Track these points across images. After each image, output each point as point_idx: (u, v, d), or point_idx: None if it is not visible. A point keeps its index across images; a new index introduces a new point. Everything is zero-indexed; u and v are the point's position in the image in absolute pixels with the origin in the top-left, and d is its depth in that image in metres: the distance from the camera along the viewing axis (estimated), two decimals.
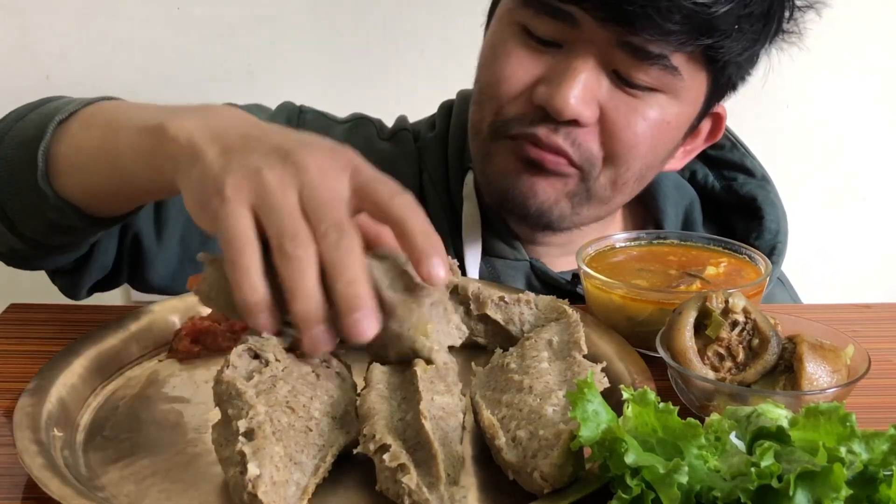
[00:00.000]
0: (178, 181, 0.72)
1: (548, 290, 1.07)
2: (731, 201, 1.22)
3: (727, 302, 0.76)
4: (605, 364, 0.73)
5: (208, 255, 0.73)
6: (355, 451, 0.64)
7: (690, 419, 0.59)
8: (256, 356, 0.68)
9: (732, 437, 0.61)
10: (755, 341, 0.76)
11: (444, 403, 0.68)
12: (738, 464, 0.57)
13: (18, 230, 0.90)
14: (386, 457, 0.61)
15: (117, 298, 1.63)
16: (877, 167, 1.84)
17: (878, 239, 1.89)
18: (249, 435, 0.60)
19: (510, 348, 0.79)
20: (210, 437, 0.65)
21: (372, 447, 0.63)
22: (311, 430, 0.64)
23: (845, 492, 0.53)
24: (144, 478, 0.67)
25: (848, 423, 0.57)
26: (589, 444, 0.59)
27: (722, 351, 0.76)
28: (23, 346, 0.87)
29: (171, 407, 0.77)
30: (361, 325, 0.64)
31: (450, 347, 0.76)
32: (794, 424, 0.59)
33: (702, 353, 0.76)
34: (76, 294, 1.07)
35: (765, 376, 0.75)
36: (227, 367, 0.66)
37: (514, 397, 0.68)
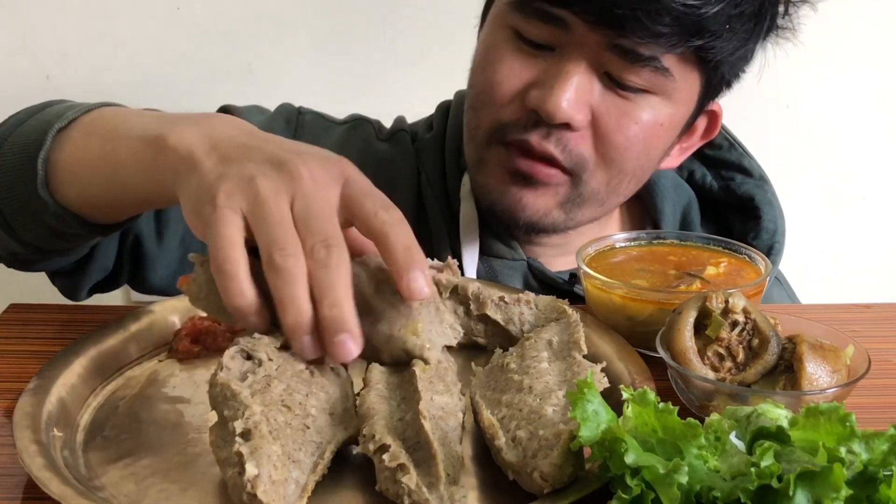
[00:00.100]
0: (178, 191, 0.73)
1: (545, 290, 1.07)
2: (728, 201, 1.23)
3: (727, 302, 0.76)
4: (605, 364, 0.73)
5: (199, 256, 0.73)
6: (355, 450, 0.64)
7: (690, 419, 0.59)
8: (249, 357, 0.68)
9: (732, 437, 0.61)
10: (755, 341, 0.76)
11: (444, 403, 0.68)
12: (738, 464, 0.57)
13: (19, 235, 0.90)
14: (385, 457, 0.61)
15: (117, 299, 1.63)
16: (877, 167, 1.84)
17: (877, 239, 1.89)
18: (246, 435, 0.61)
19: (510, 348, 0.79)
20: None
21: (371, 447, 0.63)
22: (308, 428, 0.64)
23: (845, 492, 0.53)
24: (144, 478, 0.67)
25: (848, 423, 0.57)
26: (589, 444, 0.59)
27: (722, 351, 0.76)
28: (23, 346, 0.87)
29: (171, 407, 0.77)
30: (344, 348, 0.65)
31: (449, 348, 0.76)
32: (794, 424, 0.59)
33: (702, 353, 0.76)
34: (76, 295, 1.07)
35: (765, 376, 0.75)
36: (221, 369, 0.66)
37: (514, 397, 0.68)
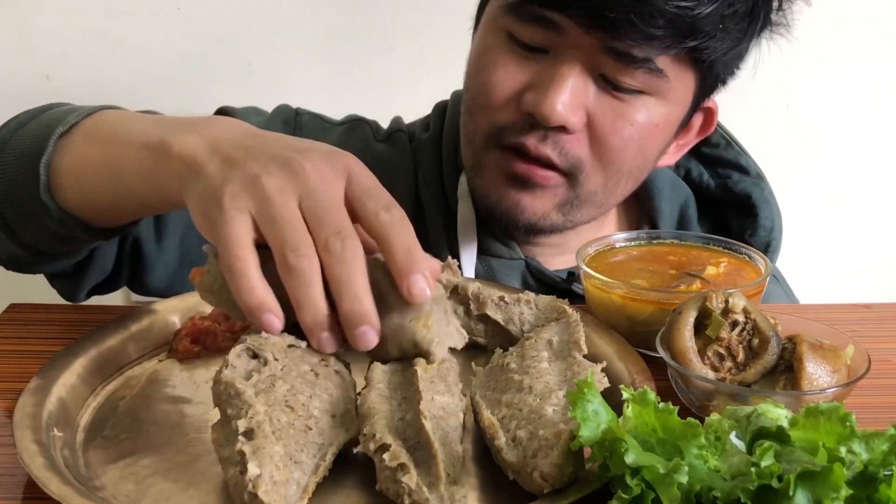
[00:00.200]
0: (184, 198, 0.73)
1: (543, 289, 1.07)
2: (725, 199, 1.23)
3: (727, 302, 0.76)
4: (605, 364, 0.73)
5: (214, 248, 0.73)
6: (355, 450, 0.64)
7: (690, 419, 0.59)
8: (255, 356, 0.68)
9: (732, 437, 0.61)
10: (755, 341, 0.76)
11: (445, 403, 0.68)
12: (738, 464, 0.57)
13: (20, 239, 0.90)
14: (386, 456, 0.61)
15: (117, 299, 1.63)
16: (876, 167, 1.84)
17: (876, 238, 1.89)
18: (249, 434, 0.61)
19: (510, 348, 0.79)
20: (210, 437, 0.65)
21: (372, 447, 0.63)
22: (310, 429, 0.64)
23: (845, 492, 0.53)
24: (144, 478, 0.67)
25: (848, 423, 0.57)
26: (589, 444, 0.59)
27: (722, 351, 0.76)
28: (23, 346, 0.87)
29: (171, 407, 0.77)
30: (366, 338, 0.67)
31: (450, 349, 0.76)
32: (794, 424, 0.59)
33: (702, 353, 0.76)
34: (75, 297, 1.07)
35: (765, 376, 0.75)
36: (226, 367, 0.66)
37: (514, 397, 0.68)
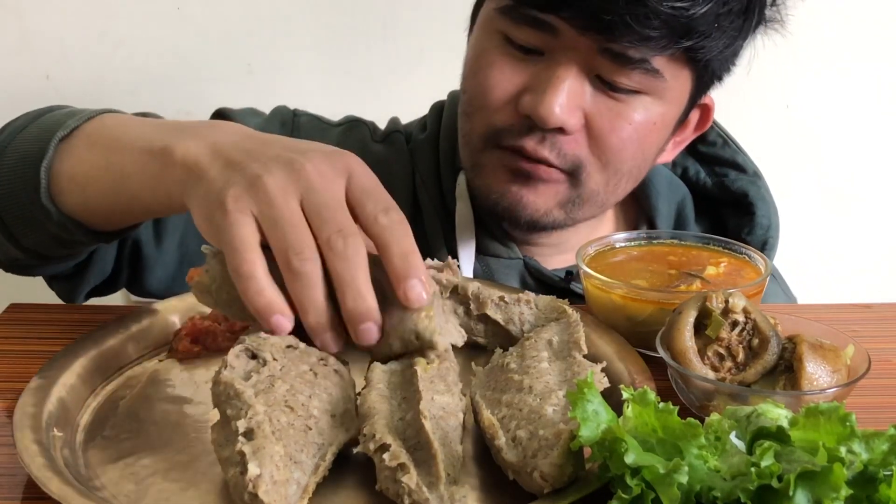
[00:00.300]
0: (187, 202, 0.73)
1: (542, 288, 1.07)
2: (722, 197, 1.23)
3: (727, 302, 0.76)
4: (605, 364, 0.73)
5: (212, 248, 0.73)
6: (355, 450, 0.64)
7: (690, 419, 0.59)
8: (254, 356, 0.68)
9: (732, 437, 0.61)
10: (755, 341, 0.76)
11: (445, 403, 0.68)
12: (738, 464, 0.57)
13: (20, 242, 0.90)
14: (386, 456, 0.61)
15: (117, 299, 1.63)
16: (876, 166, 1.84)
17: (875, 238, 1.89)
18: (249, 435, 0.60)
19: (510, 348, 0.79)
20: (210, 437, 0.65)
21: (372, 447, 0.63)
22: (310, 429, 0.64)
23: (845, 492, 0.53)
24: (144, 478, 0.67)
25: (848, 423, 0.57)
26: (589, 444, 0.59)
27: (722, 351, 0.76)
28: (23, 346, 0.87)
29: (172, 407, 0.77)
30: (369, 334, 0.68)
31: (451, 348, 0.76)
32: (794, 424, 0.59)
33: (702, 353, 0.76)
34: (74, 299, 1.07)
35: (765, 376, 0.75)
36: (225, 367, 0.66)
37: (514, 397, 0.68)
